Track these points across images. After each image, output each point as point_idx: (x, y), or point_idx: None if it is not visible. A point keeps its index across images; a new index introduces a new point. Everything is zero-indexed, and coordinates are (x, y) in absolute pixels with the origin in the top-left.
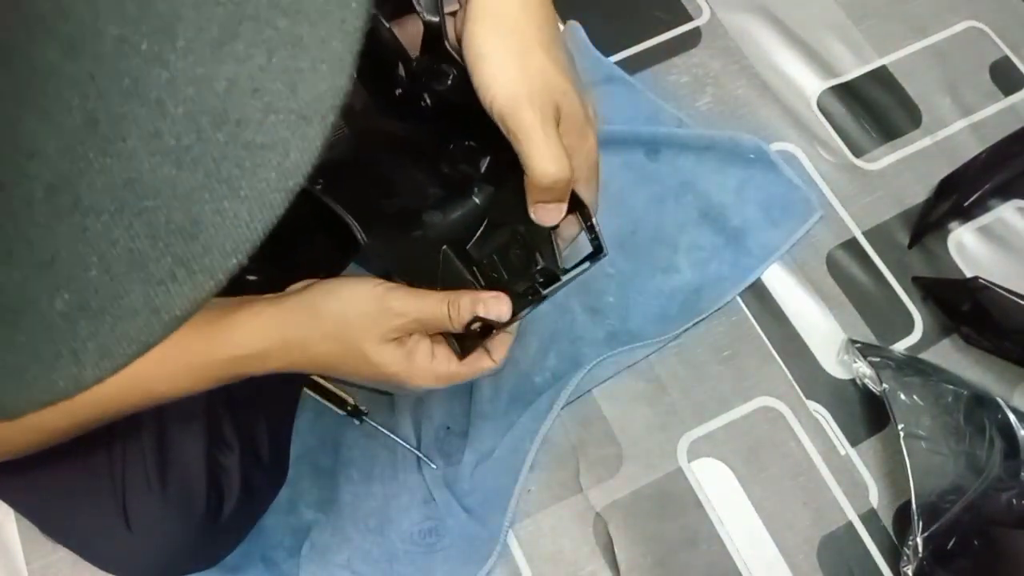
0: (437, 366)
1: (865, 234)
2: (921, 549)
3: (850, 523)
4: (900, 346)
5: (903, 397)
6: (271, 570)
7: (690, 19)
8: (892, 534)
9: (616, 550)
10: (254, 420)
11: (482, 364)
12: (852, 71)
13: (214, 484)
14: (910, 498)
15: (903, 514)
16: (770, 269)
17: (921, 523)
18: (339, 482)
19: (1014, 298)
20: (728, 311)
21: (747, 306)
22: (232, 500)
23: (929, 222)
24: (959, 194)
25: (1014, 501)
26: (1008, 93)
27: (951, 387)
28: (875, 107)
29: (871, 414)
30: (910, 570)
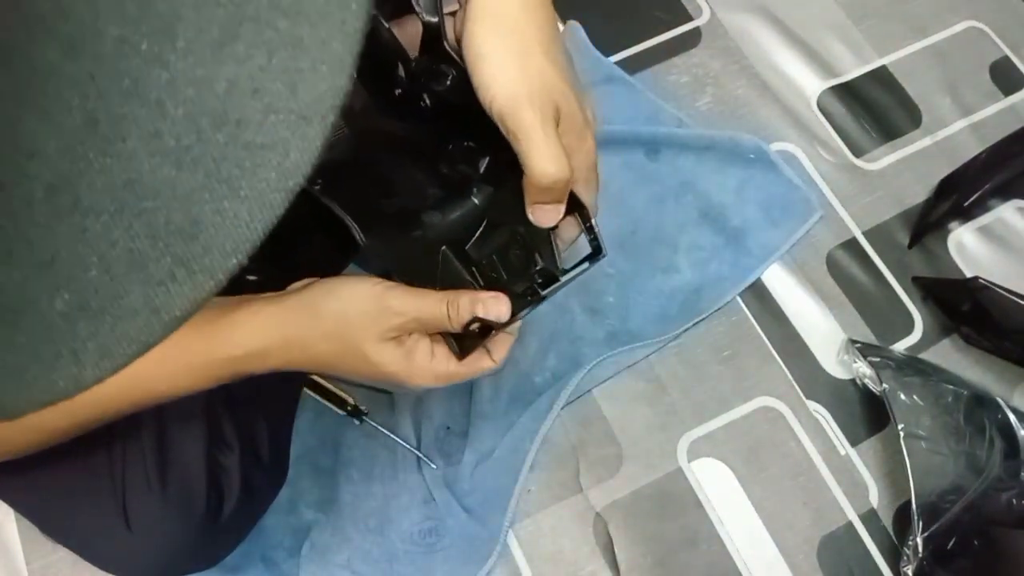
0: (436, 365)
1: (865, 234)
2: (921, 549)
3: (850, 523)
4: (900, 346)
5: (903, 397)
6: (271, 570)
7: (690, 19)
8: (892, 534)
9: (616, 550)
10: (254, 420)
11: (482, 364)
12: (852, 71)
13: (214, 484)
14: (910, 498)
15: (903, 514)
16: (770, 269)
17: (921, 523)
18: (339, 482)
19: (1014, 298)
20: (728, 311)
21: (747, 306)
22: (232, 500)
23: (929, 222)
24: (959, 194)
25: (1014, 501)
26: (1008, 93)
27: (951, 387)
28: (875, 107)
29: (871, 414)
30: (910, 570)
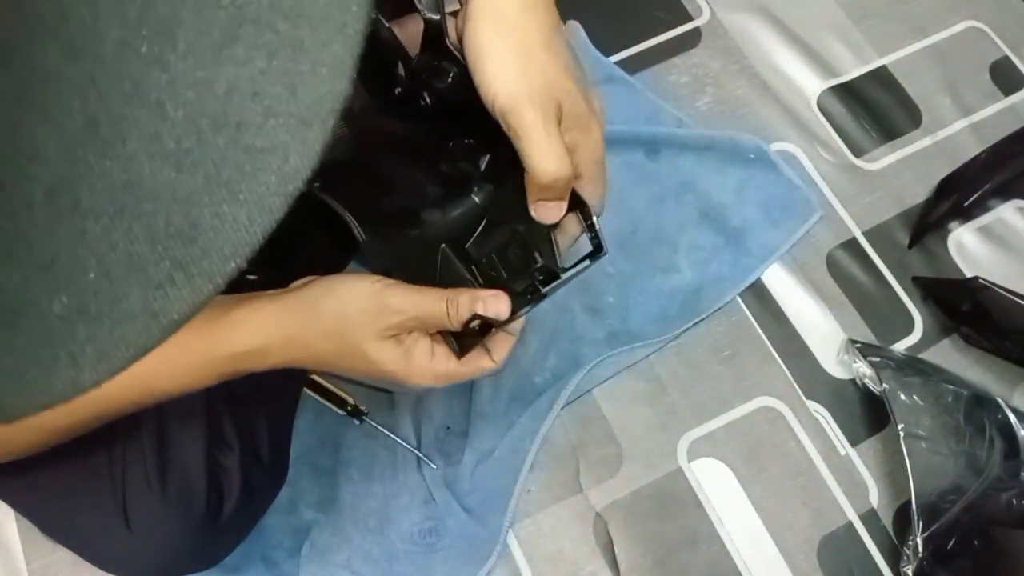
0: (436, 365)
1: (865, 234)
2: (921, 549)
3: (850, 523)
4: (900, 346)
5: (903, 397)
6: (271, 570)
7: (690, 19)
8: (892, 534)
9: (616, 550)
10: (254, 418)
11: (482, 364)
12: (852, 71)
13: (214, 484)
14: (910, 498)
15: (903, 514)
16: (770, 269)
17: (921, 523)
18: (339, 482)
19: (1014, 298)
20: (728, 311)
21: (747, 306)
22: (232, 500)
23: (929, 222)
24: (959, 194)
25: (1014, 501)
26: (1008, 93)
27: (951, 387)
28: (875, 107)
29: (871, 414)
30: (910, 570)
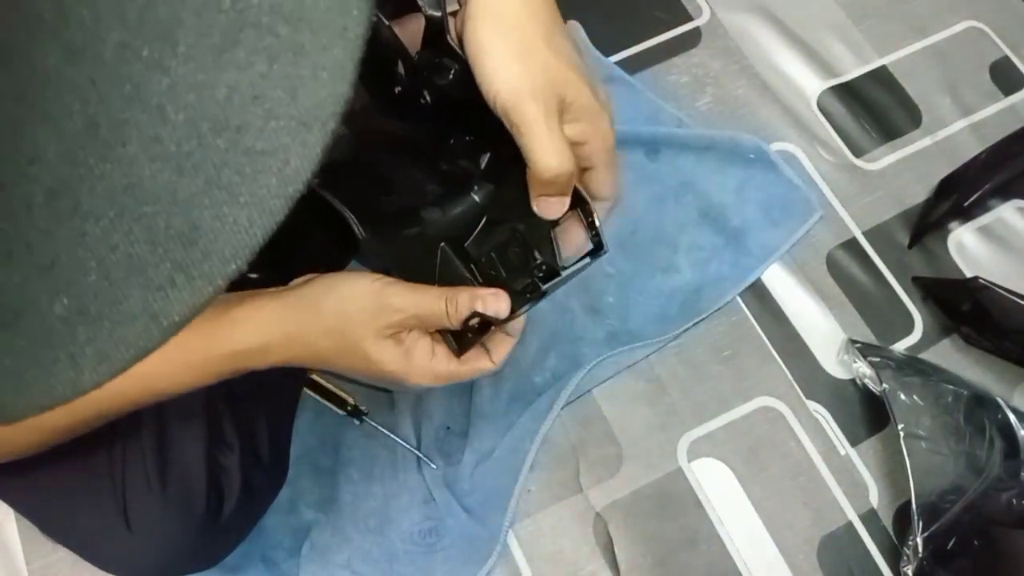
0: (436, 365)
1: (865, 234)
2: (921, 549)
3: (850, 523)
4: (900, 346)
5: (903, 397)
6: (271, 570)
7: (690, 19)
8: (892, 534)
9: (616, 550)
10: (254, 417)
11: (481, 364)
12: (852, 71)
13: (214, 484)
14: (910, 498)
15: (903, 514)
16: (770, 269)
17: (921, 523)
18: (339, 482)
19: (1014, 298)
20: (728, 311)
21: (747, 306)
22: (232, 500)
23: (929, 222)
24: (959, 194)
25: (1014, 501)
26: (1008, 93)
27: (951, 387)
28: (875, 107)
29: (871, 414)
30: (910, 570)
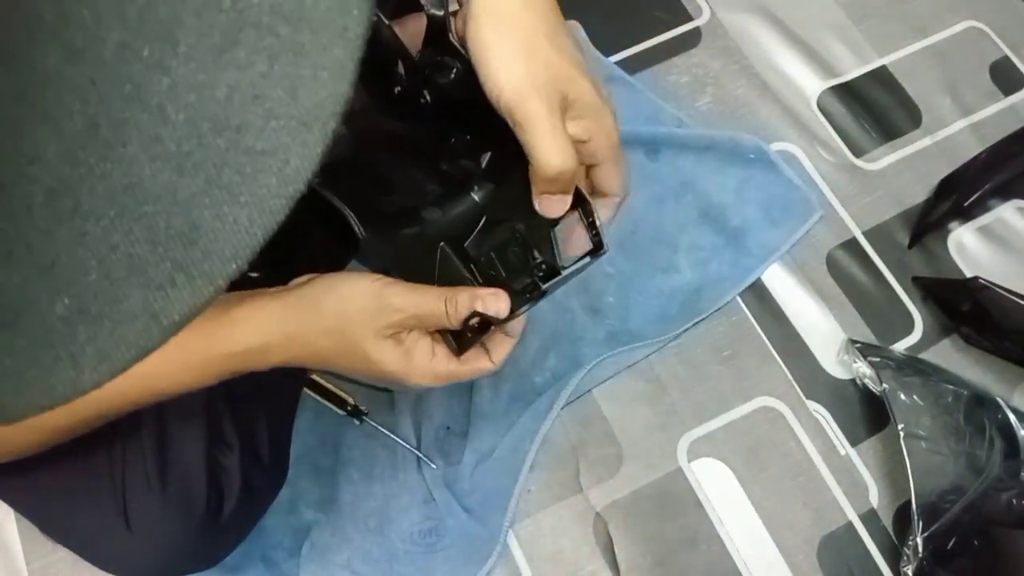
0: (436, 365)
1: (865, 234)
2: (921, 549)
3: (850, 523)
4: (900, 346)
5: (903, 397)
6: (271, 570)
7: (690, 19)
8: (892, 534)
9: (616, 550)
10: (254, 417)
11: (481, 364)
12: (852, 71)
13: (214, 484)
14: (910, 498)
15: (903, 514)
16: (770, 269)
17: (921, 523)
18: (339, 482)
19: (1014, 298)
20: (728, 311)
21: (747, 306)
22: (232, 500)
23: (929, 222)
24: (959, 194)
25: (1014, 501)
26: (1008, 93)
27: (951, 387)
28: (875, 107)
29: (871, 414)
30: (910, 570)
